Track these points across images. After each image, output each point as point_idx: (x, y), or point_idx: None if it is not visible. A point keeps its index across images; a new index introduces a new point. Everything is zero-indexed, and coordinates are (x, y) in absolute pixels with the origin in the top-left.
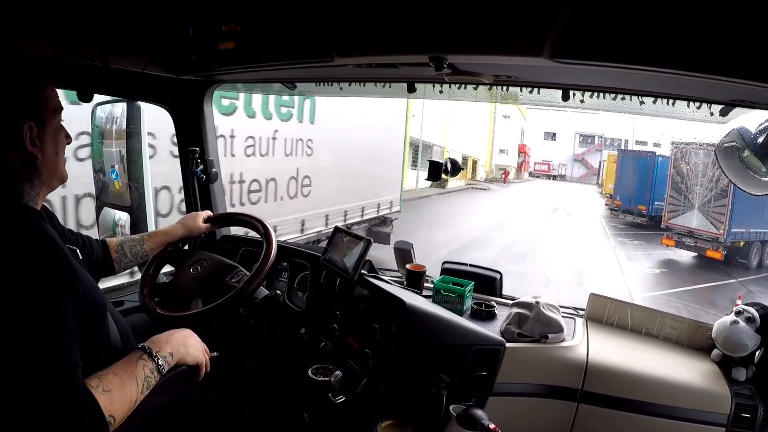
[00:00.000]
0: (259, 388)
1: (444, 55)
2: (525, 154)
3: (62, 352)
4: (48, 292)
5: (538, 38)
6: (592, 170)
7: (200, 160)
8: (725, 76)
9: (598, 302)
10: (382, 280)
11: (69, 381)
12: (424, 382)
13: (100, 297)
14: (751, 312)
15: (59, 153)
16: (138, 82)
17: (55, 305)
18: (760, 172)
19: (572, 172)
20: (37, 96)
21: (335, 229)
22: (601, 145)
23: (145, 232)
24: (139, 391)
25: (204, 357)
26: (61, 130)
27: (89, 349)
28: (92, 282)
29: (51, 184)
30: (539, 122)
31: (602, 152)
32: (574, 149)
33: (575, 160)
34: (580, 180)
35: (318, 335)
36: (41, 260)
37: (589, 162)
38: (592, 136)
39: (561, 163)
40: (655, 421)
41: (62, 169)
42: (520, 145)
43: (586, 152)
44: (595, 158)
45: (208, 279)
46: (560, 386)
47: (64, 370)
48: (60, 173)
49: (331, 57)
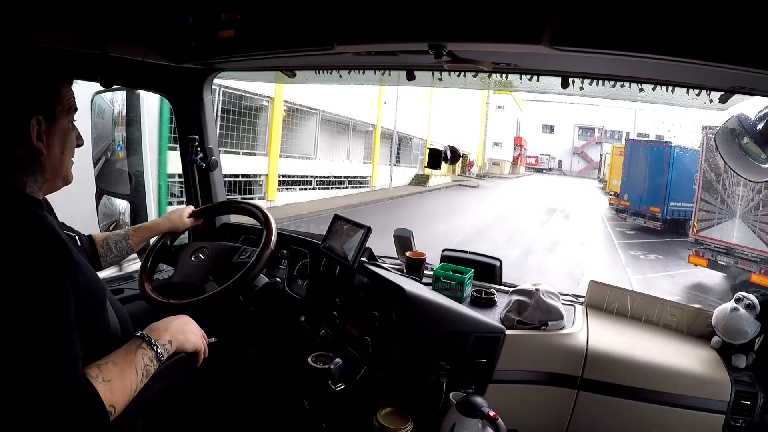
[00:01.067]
0: (258, 376)
1: (443, 42)
2: (521, 147)
3: (63, 343)
4: (48, 283)
5: (538, 26)
6: (592, 164)
7: (200, 148)
8: (725, 62)
9: (598, 289)
10: (382, 268)
11: (69, 372)
12: (423, 370)
13: (99, 285)
14: (751, 299)
15: (66, 153)
16: (138, 70)
17: (55, 296)
18: (759, 159)
19: (571, 165)
20: (51, 92)
21: (335, 216)
22: (602, 137)
23: (130, 227)
24: (139, 380)
25: (202, 343)
26: (72, 131)
27: (88, 338)
28: (91, 270)
29: (54, 182)
30: (537, 114)
31: (602, 145)
32: (573, 142)
33: (574, 153)
34: (579, 174)
35: (318, 323)
36: (42, 250)
37: (588, 155)
38: (592, 128)
39: (549, 155)
40: (655, 408)
41: (67, 169)
42: (515, 138)
43: (585, 145)
44: (595, 151)
45: (216, 261)
46: (560, 373)
47: (65, 361)
48: (64, 173)
49: (331, 45)
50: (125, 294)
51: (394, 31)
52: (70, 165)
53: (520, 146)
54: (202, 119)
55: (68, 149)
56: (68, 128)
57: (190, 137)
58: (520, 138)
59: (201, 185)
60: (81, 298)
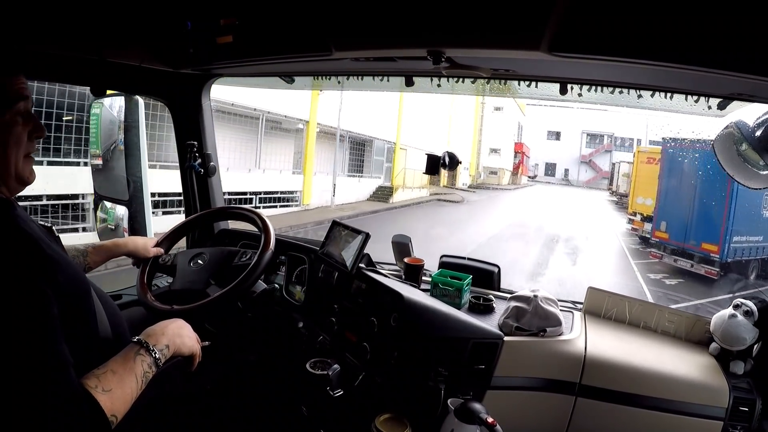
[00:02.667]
0: (256, 382)
1: (442, 48)
2: (522, 155)
3: (50, 352)
4: (26, 291)
5: (536, 32)
6: (600, 173)
7: (198, 153)
8: (723, 69)
9: (596, 296)
10: (380, 274)
11: (63, 383)
12: (421, 376)
13: (81, 280)
14: (749, 305)
15: (10, 149)
16: (136, 76)
17: (35, 305)
18: (758, 166)
19: (579, 175)
20: None
21: (333, 222)
22: (611, 145)
23: (90, 244)
24: (139, 387)
25: (197, 347)
26: (16, 124)
27: (78, 340)
28: (70, 263)
29: (8, 184)
30: (541, 119)
31: (612, 153)
32: (580, 150)
33: (582, 161)
34: (587, 184)
35: (316, 329)
36: (13, 255)
37: (597, 164)
38: (601, 135)
39: (534, 163)
40: (653, 415)
41: (18, 167)
42: (516, 144)
43: (593, 153)
44: (604, 160)
45: (216, 265)
46: (558, 380)
47: (56, 372)
48: (14, 172)
49: (329, 51)
50: (123, 300)
51: (393, 37)
52: (22, 162)
53: (521, 153)
54: (201, 125)
55: (14, 144)
56: (12, 122)
57: (188, 143)
58: (522, 144)
59: (199, 191)
60: (64, 298)
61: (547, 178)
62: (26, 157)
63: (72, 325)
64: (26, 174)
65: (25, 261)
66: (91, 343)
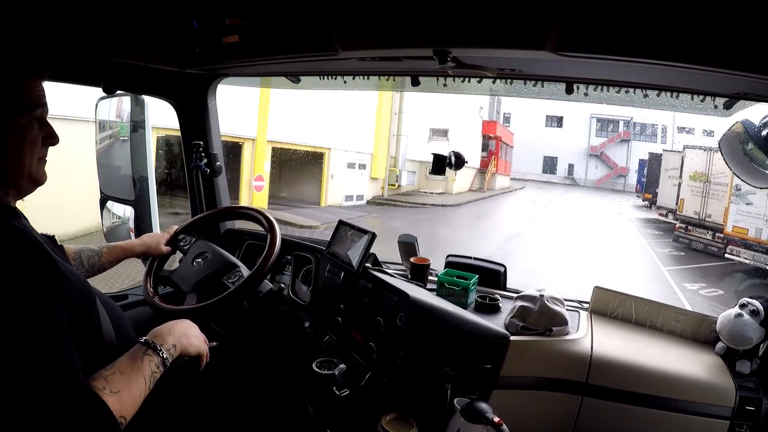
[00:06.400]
0: (263, 381)
1: (448, 48)
2: (498, 141)
3: (63, 360)
4: (38, 300)
5: (542, 32)
6: (616, 170)
7: (204, 153)
8: (729, 68)
9: (603, 295)
10: (387, 274)
11: (74, 388)
12: (428, 376)
13: (87, 289)
14: (755, 305)
15: (26, 151)
16: (142, 75)
17: (47, 312)
18: (764, 165)
19: (587, 172)
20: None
21: (339, 222)
22: (629, 133)
23: (104, 245)
24: (147, 388)
25: (205, 347)
26: (32, 128)
27: (82, 349)
28: (77, 274)
29: (19, 184)
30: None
31: (630, 143)
32: (589, 139)
33: (591, 154)
34: (597, 185)
35: (322, 329)
36: (26, 266)
37: (610, 158)
38: (615, 120)
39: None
40: (660, 414)
41: (33, 169)
42: (486, 124)
43: (606, 143)
44: (620, 152)
45: (206, 276)
46: (564, 379)
47: (68, 377)
48: (29, 173)
49: (335, 50)
50: (129, 300)
51: (399, 36)
52: (36, 163)
53: (496, 140)
54: (207, 125)
55: (29, 147)
56: (28, 125)
57: (194, 143)
58: (495, 124)
59: (205, 191)
60: (72, 309)
61: (546, 176)
62: (39, 160)
63: (78, 335)
64: (38, 175)
65: (37, 270)
66: (96, 351)
